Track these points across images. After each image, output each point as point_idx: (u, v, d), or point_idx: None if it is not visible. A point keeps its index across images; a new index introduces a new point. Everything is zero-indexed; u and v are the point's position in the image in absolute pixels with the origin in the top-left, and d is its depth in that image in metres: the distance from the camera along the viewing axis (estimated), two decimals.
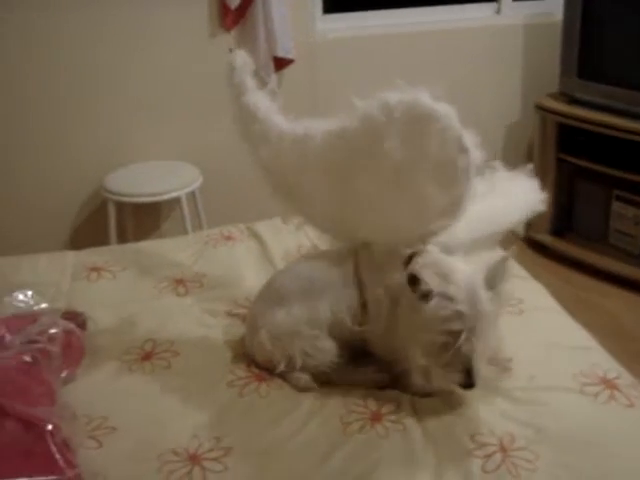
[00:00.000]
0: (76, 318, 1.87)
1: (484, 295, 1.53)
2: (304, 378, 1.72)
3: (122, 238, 3.41)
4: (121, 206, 3.36)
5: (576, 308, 3.08)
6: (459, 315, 1.49)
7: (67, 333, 1.76)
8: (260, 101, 1.85)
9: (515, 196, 1.86)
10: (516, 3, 3.84)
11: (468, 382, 1.54)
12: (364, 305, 1.73)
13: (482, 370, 1.56)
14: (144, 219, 3.59)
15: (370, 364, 1.75)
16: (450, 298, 1.50)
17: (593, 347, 1.83)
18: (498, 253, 1.79)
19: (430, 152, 1.55)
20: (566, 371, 1.71)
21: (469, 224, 1.72)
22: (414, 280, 1.51)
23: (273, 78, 3.53)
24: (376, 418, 1.60)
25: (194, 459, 1.50)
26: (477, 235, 1.77)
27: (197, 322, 1.98)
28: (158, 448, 1.54)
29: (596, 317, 3.14)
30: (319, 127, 1.73)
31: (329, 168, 1.71)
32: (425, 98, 1.54)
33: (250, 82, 1.87)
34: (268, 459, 1.51)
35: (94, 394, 1.72)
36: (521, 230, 1.82)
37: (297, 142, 1.76)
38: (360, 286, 1.74)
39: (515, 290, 1.88)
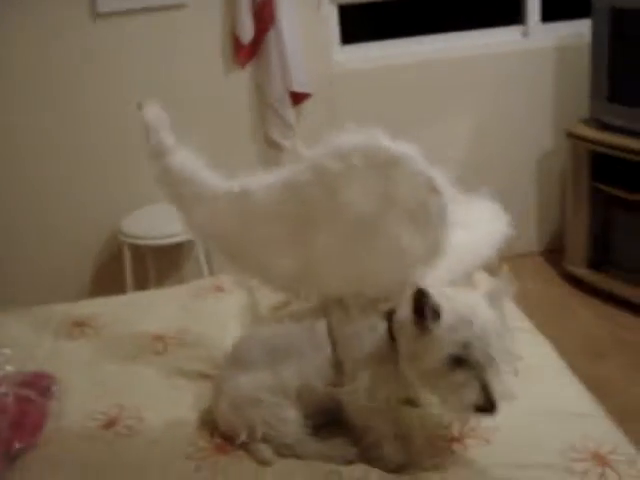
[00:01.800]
0: (40, 382, 1.80)
1: (486, 306, 1.42)
2: (265, 450, 1.60)
3: (143, 284, 3.35)
4: (139, 250, 3.30)
5: (614, 347, 2.91)
6: (467, 323, 1.36)
7: (22, 401, 1.68)
8: (185, 160, 1.72)
9: (480, 227, 1.71)
10: (544, 26, 3.65)
11: (487, 401, 1.35)
12: (338, 365, 1.59)
13: (509, 394, 1.39)
14: (164, 263, 3.53)
15: (337, 437, 1.61)
16: (456, 310, 1.38)
17: (591, 414, 1.64)
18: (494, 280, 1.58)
19: (398, 198, 1.45)
20: (553, 443, 1.53)
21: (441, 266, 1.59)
22: (423, 295, 1.37)
23: (290, 113, 3.44)
24: None
25: None
26: (451, 277, 1.61)
27: (169, 384, 1.89)
28: None
29: (636, 356, 2.93)
30: (259, 181, 1.62)
31: (280, 223, 1.60)
32: (383, 140, 1.43)
33: (169, 140, 1.73)
34: None
35: (48, 467, 1.63)
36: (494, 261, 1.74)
37: (236, 200, 1.64)
38: (334, 345, 1.60)
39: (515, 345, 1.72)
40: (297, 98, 3.43)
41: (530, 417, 1.61)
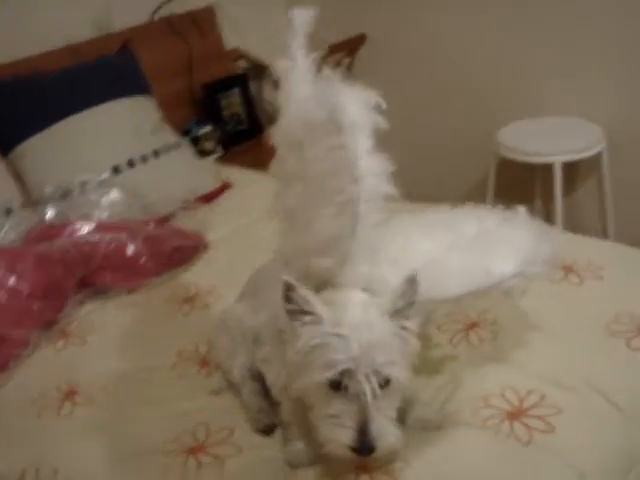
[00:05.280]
0: (169, 242, 2.13)
1: (379, 320, 1.16)
2: (218, 381, 1.61)
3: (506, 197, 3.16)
4: (507, 163, 3.09)
5: None
6: (342, 341, 1.13)
7: (121, 249, 2.01)
8: (295, 67, 1.49)
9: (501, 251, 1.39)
10: None
11: (361, 442, 1.12)
12: None
13: (392, 432, 1.15)
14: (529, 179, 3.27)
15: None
16: (329, 320, 1.15)
17: None
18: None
19: (326, 170, 1.23)
20: None
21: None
22: (290, 289, 1.17)
23: None
24: (196, 450, 1.41)
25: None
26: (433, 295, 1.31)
27: None
28: None
29: None
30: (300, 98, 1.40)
31: (291, 156, 1.37)
32: (354, 103, 1.19)
33: (297, 44, 1.51)
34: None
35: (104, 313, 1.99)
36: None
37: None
38: None
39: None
40: None
41: None
